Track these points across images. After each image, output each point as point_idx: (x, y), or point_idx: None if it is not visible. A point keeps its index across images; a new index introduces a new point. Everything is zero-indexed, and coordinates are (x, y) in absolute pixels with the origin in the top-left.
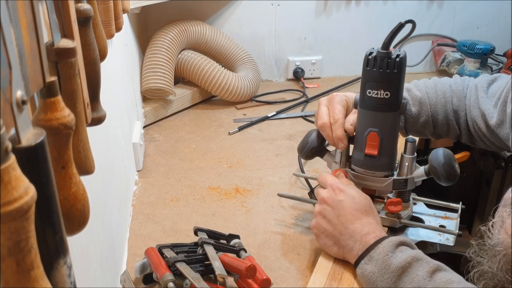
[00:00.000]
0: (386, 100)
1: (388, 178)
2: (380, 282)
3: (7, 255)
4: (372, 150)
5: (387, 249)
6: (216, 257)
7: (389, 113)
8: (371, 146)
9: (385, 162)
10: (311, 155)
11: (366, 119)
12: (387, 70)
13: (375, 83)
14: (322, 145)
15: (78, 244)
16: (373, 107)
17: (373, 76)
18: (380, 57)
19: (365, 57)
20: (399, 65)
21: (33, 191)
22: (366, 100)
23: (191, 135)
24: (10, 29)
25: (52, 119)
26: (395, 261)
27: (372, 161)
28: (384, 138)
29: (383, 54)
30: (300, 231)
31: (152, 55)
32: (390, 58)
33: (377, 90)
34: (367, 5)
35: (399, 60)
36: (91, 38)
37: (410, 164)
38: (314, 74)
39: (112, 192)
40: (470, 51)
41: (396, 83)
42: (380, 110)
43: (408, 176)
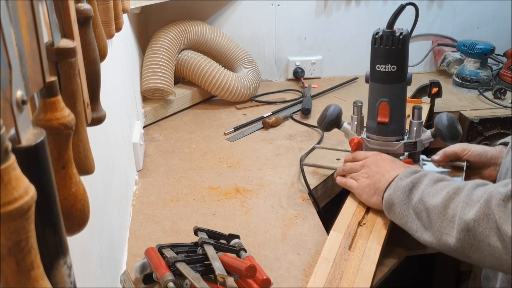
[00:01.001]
0: (393, 73)
1: (400, 142)
2: (396, 200)
3: (7, 255)
4: (383, 118)
5: (402, 175)
6: (216, 257)
7: (396, 84)
8: (382, 115)
9: (395, 127)
10: (329, 127)
11: (377, 91)
12: (393, 47)
13: (383, 58)
14: (339, 117)
15: (78, 244)
16: (382, 80)
17: (381, 52)
18: (385, 35)
19: (372, 37)
20: (402, 41)
21: (33, 191)
22: (375, 74)
23: (191, 135)
24: (10, 29)
25: (52, 119)
26: (406, 180)
27: (384, 128)
28: (393, 107)
29: (388, 33)
30: (300, 231)
31: (152, 55)
32: (394, 36)
33: (385, 65)
34: (367, 5)
35: (402, 37)
36: (91, 38)
37: (418, 128)
38: (314, 74)
39: (112, 192)
40: (470, 51)
41: (401, 58)
42: (388, 82)
43: (417, 139)
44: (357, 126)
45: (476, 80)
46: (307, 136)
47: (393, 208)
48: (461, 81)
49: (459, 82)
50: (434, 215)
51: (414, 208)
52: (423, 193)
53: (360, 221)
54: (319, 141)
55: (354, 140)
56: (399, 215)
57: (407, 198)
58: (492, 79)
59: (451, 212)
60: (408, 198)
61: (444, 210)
